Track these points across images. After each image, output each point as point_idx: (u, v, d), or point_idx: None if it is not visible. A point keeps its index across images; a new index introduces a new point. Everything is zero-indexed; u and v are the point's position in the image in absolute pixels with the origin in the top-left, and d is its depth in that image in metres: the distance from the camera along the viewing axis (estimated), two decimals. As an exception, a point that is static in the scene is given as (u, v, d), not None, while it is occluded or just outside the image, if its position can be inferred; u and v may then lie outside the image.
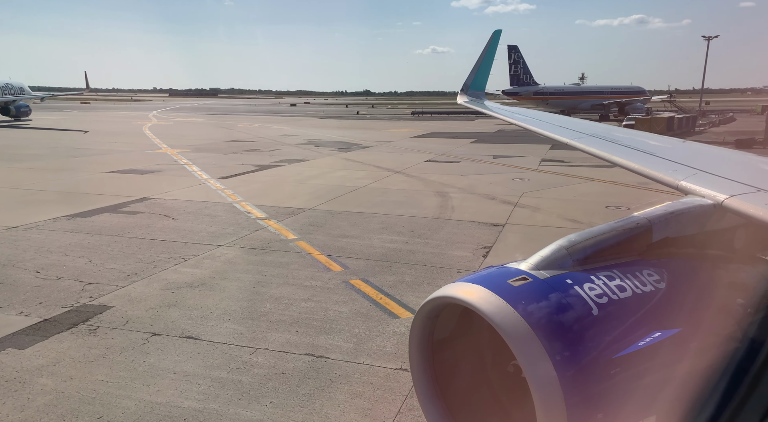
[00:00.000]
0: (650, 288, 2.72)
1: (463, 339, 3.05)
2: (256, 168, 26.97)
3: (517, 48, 70.38)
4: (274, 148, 37.54)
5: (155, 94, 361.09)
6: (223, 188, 21.01)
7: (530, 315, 2.44)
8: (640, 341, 2.47)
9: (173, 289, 10.26)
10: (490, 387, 3.06)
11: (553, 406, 2.29)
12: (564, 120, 7.75)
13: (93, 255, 12.28)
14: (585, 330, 2.46)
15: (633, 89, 75.63)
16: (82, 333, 8.41)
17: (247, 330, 8.52)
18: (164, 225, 15.05)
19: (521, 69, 70.79)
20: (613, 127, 7.82)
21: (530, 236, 14.16)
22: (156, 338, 8.24)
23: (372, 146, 39.33)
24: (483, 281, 2.65)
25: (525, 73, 71.26)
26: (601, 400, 2.38)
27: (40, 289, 10.20)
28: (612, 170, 25.69)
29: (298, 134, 50.90)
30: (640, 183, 22.23)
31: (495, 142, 42.98)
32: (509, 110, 9.68)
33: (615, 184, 22.15)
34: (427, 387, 3.02)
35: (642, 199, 19.04)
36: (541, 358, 2.33)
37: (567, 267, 2.74)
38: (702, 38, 67.52)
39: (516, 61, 70.36)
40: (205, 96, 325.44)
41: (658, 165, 4.13)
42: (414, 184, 22.39)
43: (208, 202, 18.33)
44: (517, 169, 27.01)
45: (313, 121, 78.62)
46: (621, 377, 2.41)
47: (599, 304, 2.54)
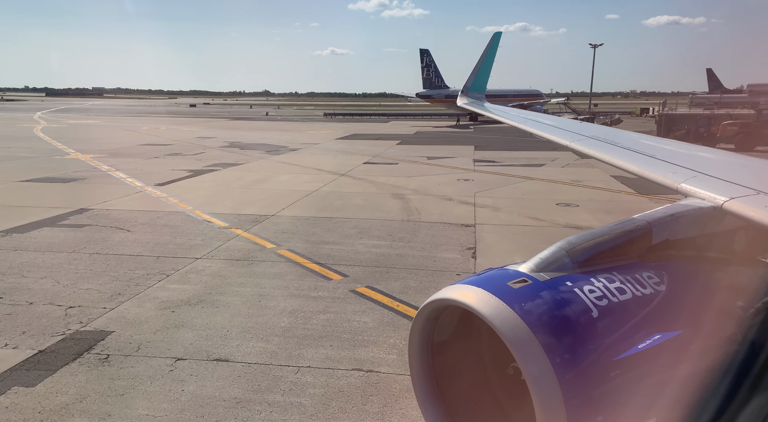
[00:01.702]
0: (650, 290, 2.73)
1: (462, 341, 3.05)
2: (190, 173, 25.57)
3: (428, 52, 72.16)
4: (197, 151, 35.78)
5: (29, 94, 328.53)
6: (166, 196, 19.72)
7: (530, 317, 2.43)
8: (639, 343, 2.48)
9: (172, 308, 9.50)
10: (490, 390, 3.07)
11: (552, 409, 2.29)
12: (563, 122, 7.87)
13: (57, 276, 11.07)
14: (585, 333, 2.47)
15: (532, 92, 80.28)
16: (93, 363, 7.56)
17: (277, 348, 8.07)
18: (122, 239, 13.88)
19: (433, 72, 72.69)
20: (613, 129, 8.18)
21: (505, 235, 14.60)
22: (182, 363, 7.59)
23: (301, 148, 38.62)
24: (483, 283, 2.66)
25: (436, 76, 73.25)
26: (601, 403, 2.38)
27: (14, 317, 9.05)
28: (542, 169, 27.11)
29: (215, 136, 48.85)
30: (574, 181, 23.69)
31: (419, 144, 43.73)
32: (508, 113, 9.78)
33: (552, 182, 23.33)
34: (427, 389, 3.01)
35: (583, 195, 20.30)
36: (541, 361, 2.33)
37: (567, 269, 2.75)
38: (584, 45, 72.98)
39: (428, 65, 72.12)
40: (88, 96, 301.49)
41: (658, 167, 4.15)
42: (365, 186, 22.29)
43: (159, 211, 17.13)
44: (456, 169, 27.70)
45: (222, 122, 75.76)
46: (621, 379, 2.42)
47: (599, 307, 2.55)
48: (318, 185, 22.31)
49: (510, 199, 19.73)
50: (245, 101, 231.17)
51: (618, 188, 21.98)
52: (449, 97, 74.34)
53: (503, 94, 77.11)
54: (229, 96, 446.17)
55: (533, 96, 78.43)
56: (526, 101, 74.63)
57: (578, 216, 16.91)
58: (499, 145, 41.59)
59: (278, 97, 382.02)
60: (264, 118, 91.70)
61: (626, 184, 22.99)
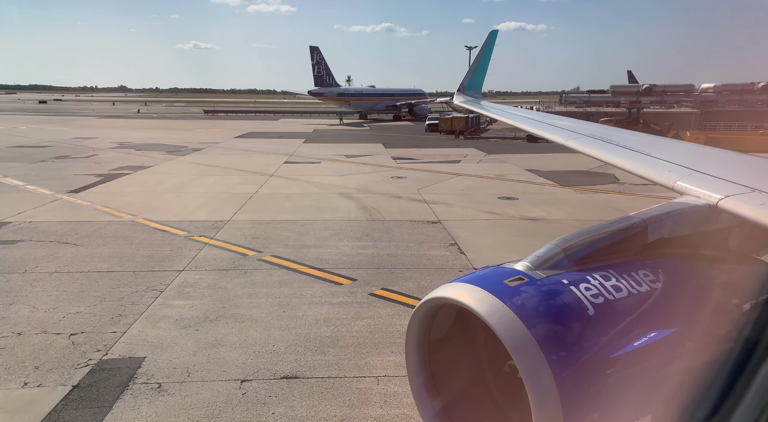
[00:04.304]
0: (646, 288, 2.75)
1: (459, 339, 3.11)
2: (100, 178, 23.21)
3: (318, 49, 71.40)
4: (88, 153, 32.51)
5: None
6: (91, 204, 17.78)
7: (526, 315, 2.44)
8: (635, 341, 2.50)
9: (194, 326, 8.72)
10: (486, 387, 3.14)
11: (549, 406, 2.30)
12: (559, 120, 8.03)
13: (28, 300, 9.64)
14: (581, 330, 2.47)
15: (417, 92, 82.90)
16: (148, 394, 6.76)
17: (340, 360, 7.76)
18: (76, 254, 12.35)
19: (324, 70, 72.08)
20: (610, 127, 8.75)
21: (475, 230, 15.07)
22: (250, 384, 7.04)
23: (204, 148, 36.55)
24: (479, 281, 2.72)
25: (327, 74, 72.76)
26: (597, 400, 2.39)
27: (10, 351, 7.79)
28: (460, 165, 28.22)
29: (95, 136, 44.58)
30: (498, 175, 25.05)
31: (326, 142, 43.36)
32: (506, 112, 9.95)
33: (479, 178, 24.43)
34: (424, 386, 3.06)
35: (515, 189, 21.53)
36: (537, 358, 2.33)
37: (563, 267, 2.81)
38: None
39: (318, 63, 71.36)
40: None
41: (654, 165, 4.15)
42: (305, 187, 21.75)
43: (97, 221, 15.42)
44: (383, 167, 27.94)
45: (93, 121, 69.20)
46: (617, 377, 2.43)
47: (595, 304, 2.57)
48: (253, 187, 21.38)
49: (453, 194, 20.37)
50: (101, 97, 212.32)
51: (541, 181, 23.61)
52: (341, 95, 74.39)
53: (391, 93, 78.73)
54: (80, 91, 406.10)
55: (418, 95, 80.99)
56: (413, 100, 76.82)
57: (525, 208, 17.93)
58: (405, 143, 42.60)
59: (137, 93, 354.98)
60: (137, 116, 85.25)
61: (544, 176, 24.79)
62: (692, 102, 55.91)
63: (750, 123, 49.47)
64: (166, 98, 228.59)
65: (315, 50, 71.61)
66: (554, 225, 15.81)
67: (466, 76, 11.45)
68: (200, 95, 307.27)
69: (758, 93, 55.64)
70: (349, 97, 74.23)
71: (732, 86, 57.35)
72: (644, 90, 56.19)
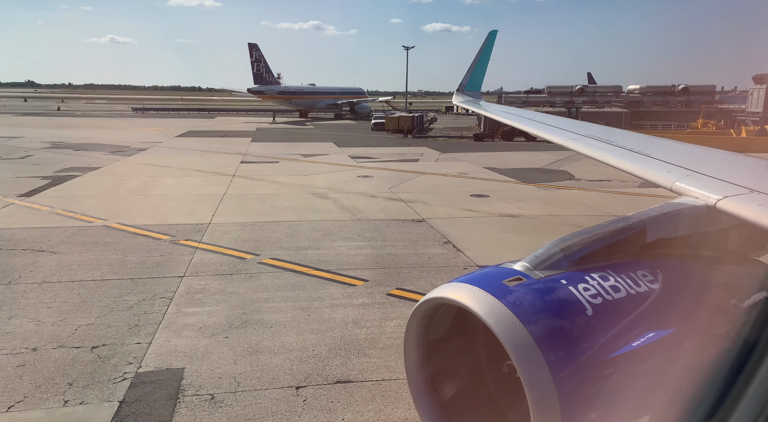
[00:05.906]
0: (644, 288, 2.76)
1: (458, 339, 3.18)
2: (47, 180, 21.71)
3: (257, 46, 69.72)
4: (20, 154, 30.37)
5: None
6: (51, 208, 16.64)
7: (525, 315, 2.45)
8: (634, 341, 2.50)
9: (222, 334, 8.39)
10: (485, 387, 3.19)
11: (547, 406, 2.32)
12: (557, 121, 8.08)
13: (28, 313, 8.94)
14: (579, 331, 2.49)
15: (357, 90, 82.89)
16: (204, 406, 6.47)
17: (385, 362, 7.71)
18: (59, 262, 11.54)
19: (263, 67, 70.51)
20: (609, 128, 9.07)
21: (462, 227, 15.26)
22: (307, 391, 6.88)
23: (148, 148, 34.93)
24: (478, 281, 2.78)
25: (267, 72, 71.26)
26: (596, 400, 2.40)
27: (32, 368, 7.23)
28: (420, 164, 28.54)
29: (21, 135, 41.63)
30: (461, 173, 25.56)
31: (274, 141, 42.52)
32: (506, 112, 10.14)
33: (445, 176, 24.80)
34: (422, 386, 3.12)
35: (483, 186, 22.04)
36: (536, 358, 2.34)
37: (562, 267, 2.85)
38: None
39: (257, 60, 69.71)
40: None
41: (653, 166, 4.15)
42: (275, 187, 21.27)
43: (67, 227, 14.46)
44: (344, 166, 27.77)
45: (10, 119, 64.45)
46: (615, 377, 2.43)
47: (594, 305, 2.58)
48: (220, 188, 20.71)
49: (425, 193, 20.58)
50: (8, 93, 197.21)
51: (503, 179, 24.28)
52: (282, 93, 73.11)
53: (331, 92, 78.25)
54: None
55: (358, 94, 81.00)
56: (354, 99, 76.74)
57: (499, 205, 18.39)
58: (356, 142, 42.51)
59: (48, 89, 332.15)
60: (58, 113, 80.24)
61: (504, 174, 25.51)
62: (621, 102, 59.38)
63: (673, 122, 53.22)
64: (83, 94, 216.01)
65: (254, 47, 70.00)
66: (533, 220, 16.33)
67: (465, 76, 11.49)
68: (120, 92, 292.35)
69: (678, 94, 59.94)
70: (289, 95, 73.16)
71: (655, 88, 61.46)
72: (577, 90, 59.13)
